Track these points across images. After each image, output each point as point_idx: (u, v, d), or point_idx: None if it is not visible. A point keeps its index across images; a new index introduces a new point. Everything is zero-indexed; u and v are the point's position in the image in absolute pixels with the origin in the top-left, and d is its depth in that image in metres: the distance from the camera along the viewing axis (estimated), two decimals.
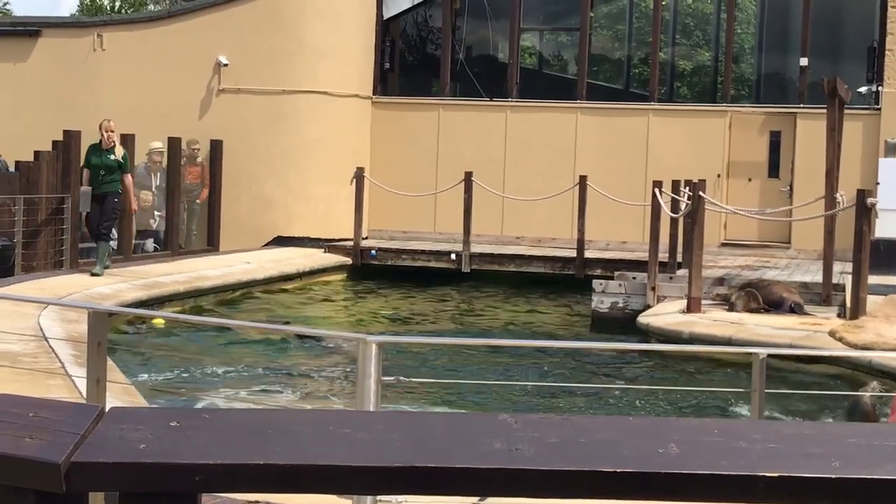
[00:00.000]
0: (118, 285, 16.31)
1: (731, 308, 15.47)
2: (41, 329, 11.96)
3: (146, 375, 12.05)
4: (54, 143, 18.69)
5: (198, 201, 22.34)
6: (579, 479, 1.80)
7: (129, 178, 17.24)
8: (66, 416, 1.89)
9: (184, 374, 12.53)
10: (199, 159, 22.29)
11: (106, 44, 23.34)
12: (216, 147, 22.53)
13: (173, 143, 21.19)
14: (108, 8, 51.09)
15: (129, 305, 14.66)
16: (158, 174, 21.38)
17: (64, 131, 18.52)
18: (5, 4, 46.72)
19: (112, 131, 16.91)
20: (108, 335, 6.68)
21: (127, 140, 19.66)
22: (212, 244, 22.34)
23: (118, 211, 17.33)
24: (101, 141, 16.92)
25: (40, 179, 17.59)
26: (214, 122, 22.76)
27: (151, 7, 49.99)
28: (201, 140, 22.31)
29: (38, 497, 1.81)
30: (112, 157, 16.84)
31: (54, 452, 1.79)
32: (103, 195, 16.79)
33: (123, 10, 49.90)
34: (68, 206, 17.65)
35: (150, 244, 20.96)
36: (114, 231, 19.76)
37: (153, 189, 21.26)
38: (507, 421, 1.92)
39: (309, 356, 13.98)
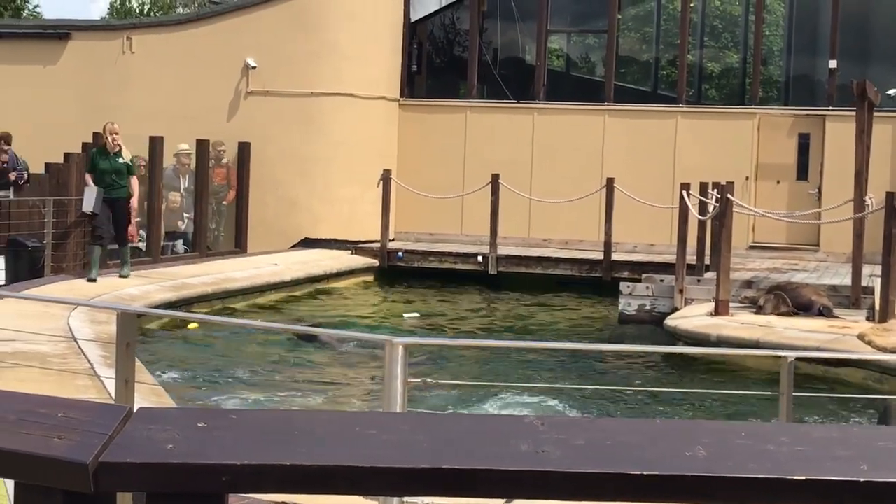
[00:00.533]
0: (146, 287, 16.38)
1: (760, 311, 15.41)
2: (70, 330, 12.03)
3: (173, 376, 12.09)
4: (84, 144, 18.79)
5: (224, 203, 22.43)
6: (606, 482, 1.80)
7: (135, 180, 16.74)
8: (94, 416, 1.90)
9: (208, 376, 12.56)
10: (224, 160, 22.36)
11: (135, 46, 23.45)
12: (244, 149, 22.60)
13: (201, 146, 21.27)
14: (138, 11, 51.35)
15: (157, 307, 14.72)
16: (187, 176, 21.46)
17: (94, 133, 18.62)
18: (36, 7, 46.98)
19: (117, 133, 16.40)
20: (137, 336, 6.70)
21: (156, 142, 19.77)
22: (239, 246, 22.41)
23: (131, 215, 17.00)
24: (105, 144, 16.43)
25: (70, 181, 17.67)
26: (242, 124, 22.84)
27: (180, 10, 50.22)
28: (229, 142, 22.39)
29: (66, 497, 1.82)
30: (121, 160, 16.36)
31: (82, 452, 1.80)
32: (114, 200, 16.30)
33: (152, 13, 50.15)
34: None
35: (179, 246, 21.05)
36: (142, 232, 19.85)
37: (182, 191, 21.34)
38: (533, 423, 1.92)
39: (334, 357, 13.99)
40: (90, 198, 16.20)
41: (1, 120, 21.80)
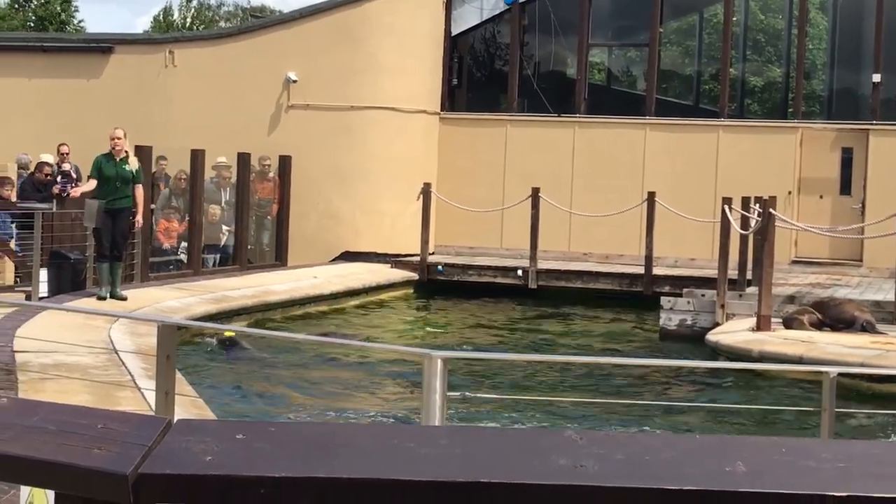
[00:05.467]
0: (187, 299, 16.45)
1: (789, 328, 15.36)
2: (112, 342, 12.10)
3: (211, 389, 12.14)
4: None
5: (269, 217, 22.52)
6: (644, 498, 1.79)
7: (140, 190, 15.88)
8: (133, 427, 1.91)
9: (247, 388, 12.60)
10: (270, 175, 22.45)
11: (177, 60, 23.60)
12: (285, 163, 22.69)
13: (243, 159, 21.37)
14: (180, 25, 51.72)
15: (198, 319, 14.78)
16: (228, 189, 21.55)
17: (135, 146, 18.72)
18: (80, 22, 47.44)
19: (118, 139, 15.48)
20: (178, 348, 6.73)
21: (197, 155, 19.89)
22: (280, 259, 22.49)
23: (132, 230, 16.38)
24: (111, 150, 15.53)
25: None
26: (283, 137, 22.93)
27: (222, 24, 50.54)
28: (270, 156, 22.49)
29: None
30: (127, 167, 15.52)
31: (122, 464, 1.81)
32: (117, 210, 15.48)
33: (195, 27, 50.48)
34: (139, 220, 17.75)
35: (217, 258, 21.15)
36: (184, 243, 19.94)
37: (222, 204, 21.43)
38: (572, 437, 1.91)
39: (373, 371, 14.00)
40: (91, 212, 15.36)
41: (44, 132, 22.01)
